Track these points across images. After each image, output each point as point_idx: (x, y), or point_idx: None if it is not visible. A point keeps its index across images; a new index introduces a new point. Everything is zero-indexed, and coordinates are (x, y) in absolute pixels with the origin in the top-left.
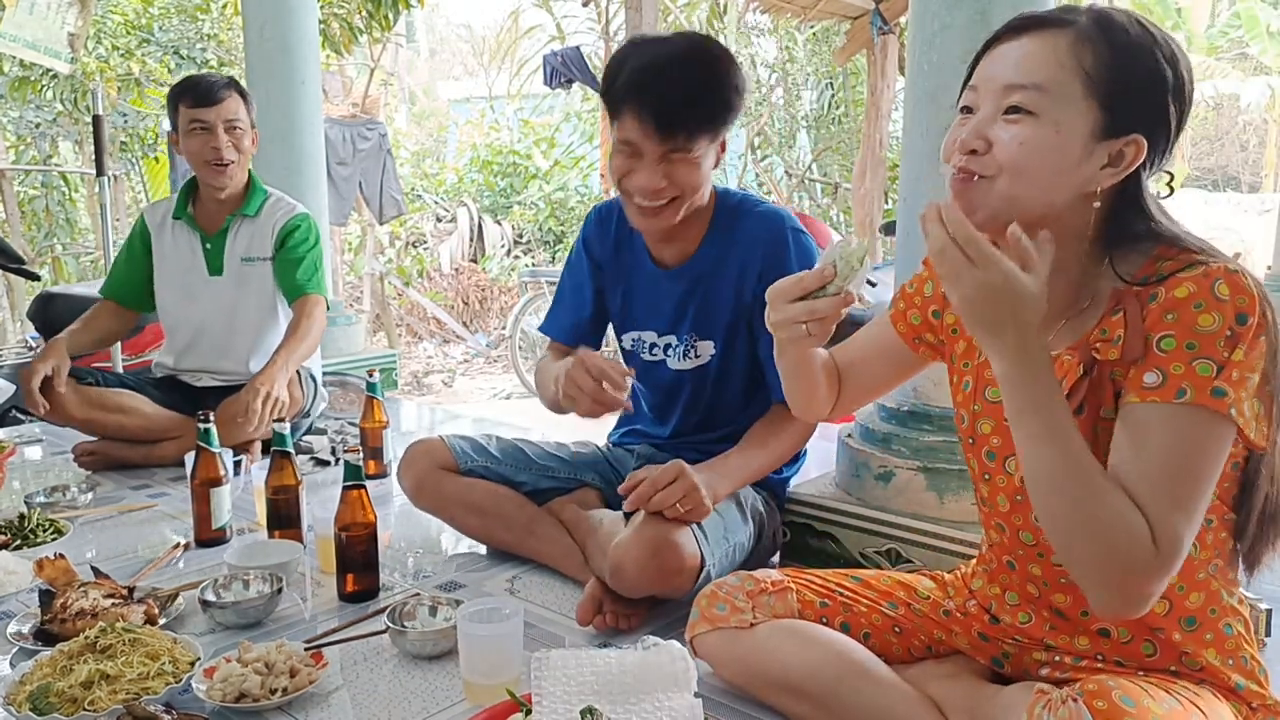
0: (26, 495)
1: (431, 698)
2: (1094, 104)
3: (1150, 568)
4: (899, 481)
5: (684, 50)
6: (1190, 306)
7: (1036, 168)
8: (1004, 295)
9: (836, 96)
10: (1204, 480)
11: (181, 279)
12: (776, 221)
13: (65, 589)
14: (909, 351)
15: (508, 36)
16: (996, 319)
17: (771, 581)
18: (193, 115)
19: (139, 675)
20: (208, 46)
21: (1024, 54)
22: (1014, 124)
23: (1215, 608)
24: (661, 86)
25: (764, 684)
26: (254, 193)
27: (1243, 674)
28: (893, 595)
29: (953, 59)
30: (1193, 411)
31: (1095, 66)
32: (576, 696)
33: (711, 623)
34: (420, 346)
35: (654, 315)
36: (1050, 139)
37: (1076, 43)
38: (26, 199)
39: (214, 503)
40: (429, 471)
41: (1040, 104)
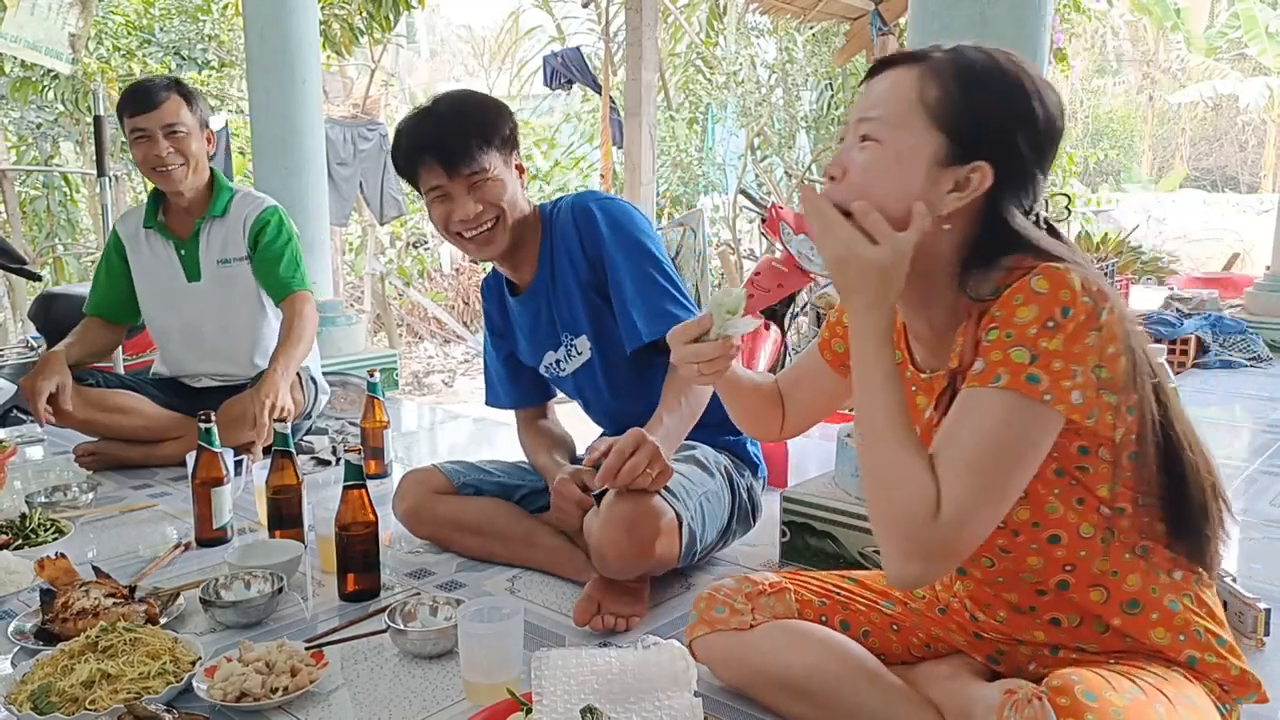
0: (28, 495)
1: (432, 697)
2: (937, 132)
3: (928, 532)
4: None
5: (442, 103)
6: (1011, 301)
7: (880, 190)
8: (850, 261)
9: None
10: (1008, 463)
11: (162, 288)
12: (578, 203)
13: (66, 588)
14: (838, 378)
15: (508, 37)
16: (846, 282)
17: (769, 583)
18: (133, 124)
19: (140, 675)
20: (209, 47)
21: (877, 89)
22: (863, 150)
23: (1155, 586)
24: (433, 132)
25: (764, 685)
26: (219, 192)
27: (1196, 648)
28: (890, 594)
29: None
30: (1006, 395)
31: (938, 98)
32: (577, 696)
33: (710, 625)
34: (421, 346)
35: (539, 339)
36: (891, 163)
37: (923, 76)
38: (28, 199)
39: (215, 503)
40: (423, 498)
41: (883, 132)
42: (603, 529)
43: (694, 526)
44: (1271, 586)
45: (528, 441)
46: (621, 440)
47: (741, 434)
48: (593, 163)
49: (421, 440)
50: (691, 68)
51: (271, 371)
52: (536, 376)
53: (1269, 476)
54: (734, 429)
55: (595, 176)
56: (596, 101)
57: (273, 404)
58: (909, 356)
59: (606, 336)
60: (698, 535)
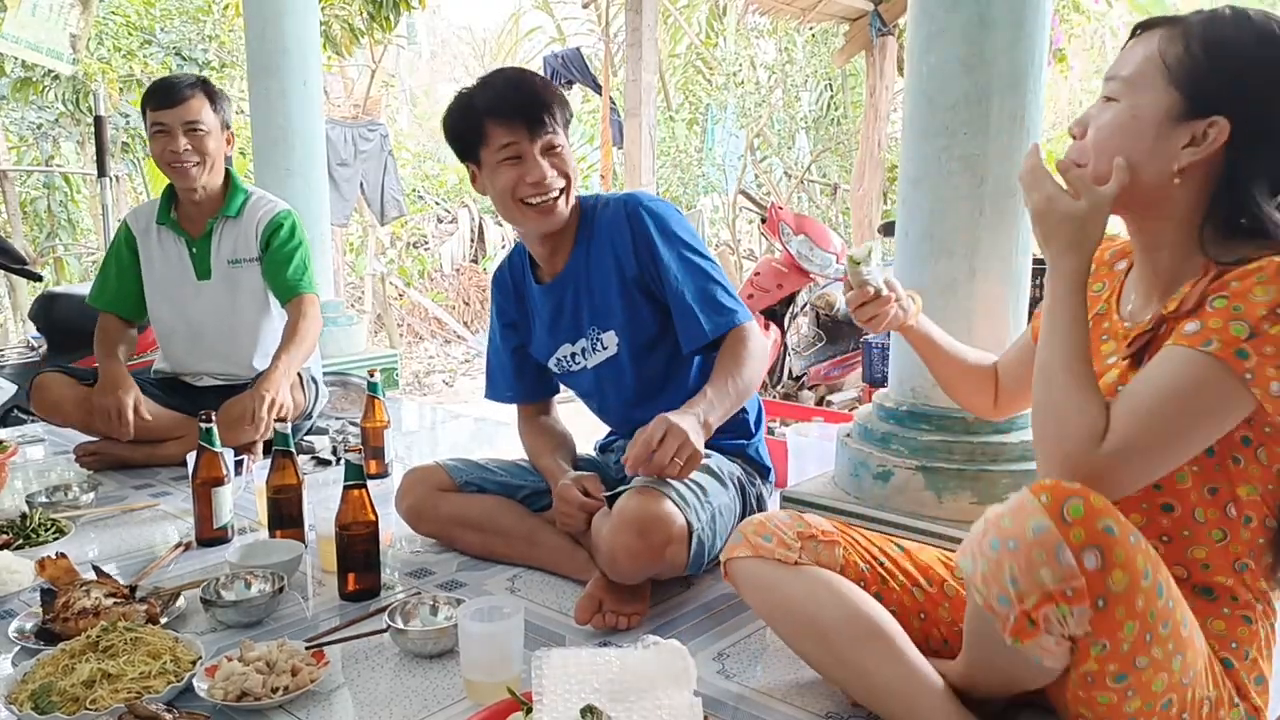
0: (28, 495)
1: (432, 696)
2: (1173, 89)
3: (1088, 458)
4: (898, 481)
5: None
6: (1251, 277)
7: (1113, 148)
8: (1050, 213)
9: (835, 98)
10: (1182, 423)
11: (170, 285)
12: (631, 202)
13: (67, 588)
14: None
15: (508, 38)
16: (1047, 233)
17: (822, 531)
18: (154, 118)
19: (141, 674)
20: (209, 48)
21: (1125, 52)
22: (1103, 109)
23: (1238, 597)
24: (514, 92)
25: (788, 620)
26: (234, 193)
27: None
28: (930, 571)
29: (951, 60)
30: (1210, 361)
31: (1176, 57)
32: (577, 695)
33: (754, 550)
34: (421, 346)
35: (560, 330)
36: (1125, 120)
37: (1169, 37)
38: (28, 200)
39: (215, 502)
40: (426, 495)
41: (1121, 91)
42: (615, 532)
43: (704, 538)
44: None
45: (530, 440)
46: (649, 428)
47: (754, 437)
48: (593, 163)
49: (422, 440)
50: (691, 68)
51: (273, 369)
52: (543, 372)
53: None
54: (747, 433)
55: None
56: (597, 102)
57: (273, 400)
58: (1116, 305)
59: (638, 333)
60: (706, 547)
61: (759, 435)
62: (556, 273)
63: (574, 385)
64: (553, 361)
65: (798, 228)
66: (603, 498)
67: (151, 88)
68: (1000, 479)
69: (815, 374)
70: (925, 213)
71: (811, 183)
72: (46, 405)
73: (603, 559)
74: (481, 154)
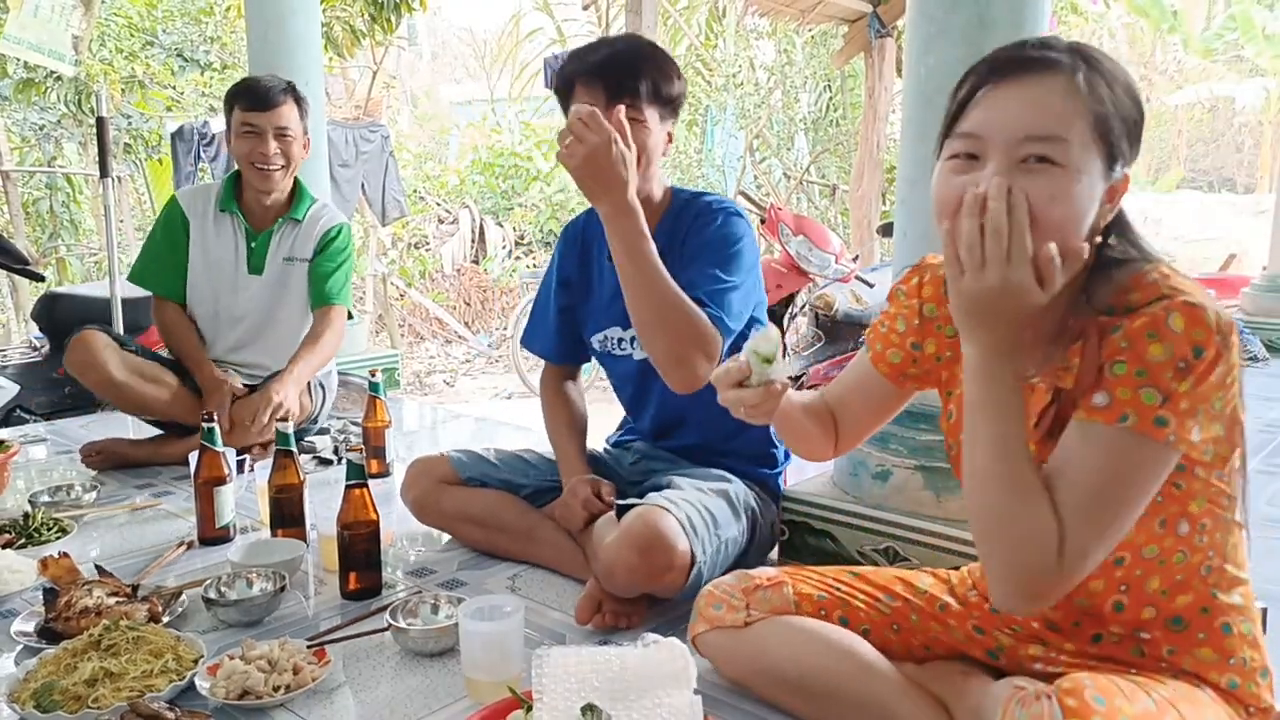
0: (31, 494)
1: (433, 695)
2: (1099, 144)
3: (1050, 575)
4: (897, 480)
5: (623, 37)
6: (1144, 335)
7: (1071, 218)
8: (1015, 296)
9: (834, 99)
10: (1128, 503)
11: (221, 273)
12: (709, 209)
13: (69, 587)
14: (894, 388)
15: (509, 40)
16: (996, 313)
17: (767, 577)
18: (245, 118)
19: (143, 673)
20: (211, 49)
21: (1033, 102)
22: (1039, 175)
23: (1208, 607)
24: (605, 56)
25: (765, 681)
26: (301, 198)
27: (1240, 675)
28: (890, 589)
29: (950, 62)
30: (1132, 437)
31: (1094, 105)
32: (577, 694)
33: (709, 623)
34: (422, 347)
35: (616, 310)
36: (1078, 188)
37: (1080, 88)
38: (31, 200)
39: (217, 502)
40: (430, 488)
41: (1062, 153)
42: (618, 546)
43: (704, 569)
44: (1270, 585)
45: (550, 410)
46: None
47: (775, 469)
48: None
49: (423, 439)
50: (691, 70)
51: (287, 373)
52: (572, 341)
53: (1266, 475)
54: (769, 463)
55: None
56: None
57: (279, 404)
58: None
59: None
60: (704, 578)
61: (785, 465)
62: None
63: (612, 369)
64: (597, 339)
65: (797, 228)
66: (613, 505)
67: (244, 88)
68: None
69: (815, 374)
70: (924, 214)
71: (810, 184)
72: (81, 365)
73: (601, 567)
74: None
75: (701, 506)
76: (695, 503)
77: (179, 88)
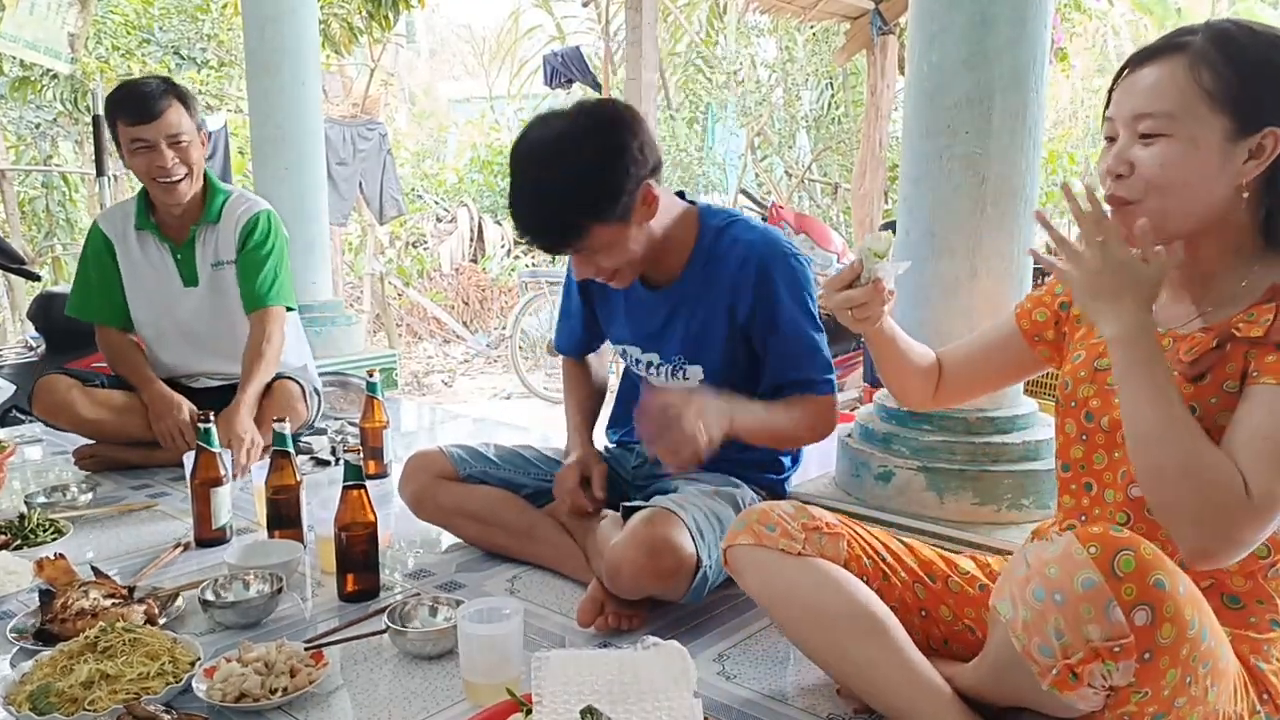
0: (27, 495)
1: (432, 697)
2: (1221, 114)
3: (1243, 510)
4: (899, 481)
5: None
6: None
7: (1180, 181)
8: (1128, 270)
9: (836, 97)
10: None
11: (157, 291)
12: (769, 255)
13: (65, 589)
14: (1026, 349)
15: (508, 37)
16: (1117, 288)
17: (827, 523)
18: (133, 134)
19: (139, 675)
20: (208, 46)
21: (1147, 84)
22: (1150, 146)
23: (1264, 600)
24: (526, 221)
25: (788, 608)
26: (213, 197)
27: (1269, 664)
28: (933, 567)
29: (953, 59)
30: None
31: (1214, 81)
32: (576, 697)
33: (757, 538)
34: (420, 346)
35: (639, 332)
36: (1187, 153)
37: (1193, 64)
38: (27, 199)
39: (214, 503)
40: (428, 483)
41: (1170, 126)
42: (625, 546)
43: (709, 574)
44: None
45: (568, 383)
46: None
47: (782, 474)
48: None
49: (421, 440)
50: (692, 67)
51: (238, 404)
52: (596, 335)
53: None
54: (776, 469)
55: None
56: None
57: (246, 440)
58: None
59: (727, 375)
60: (708, 584)
61: (794, 470)
62: (664, 284)
63: (627, 373)
64: (620, 349)
65: (798, 227)
66: (601, 499)
67: (120, 99)
68: (1002, 479)
69: None
70: (926, 212)
71: (812, 182)
72: (50, 408)
73: (606, 568)
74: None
75: (709, 512)
76: (703, 508)
77: None
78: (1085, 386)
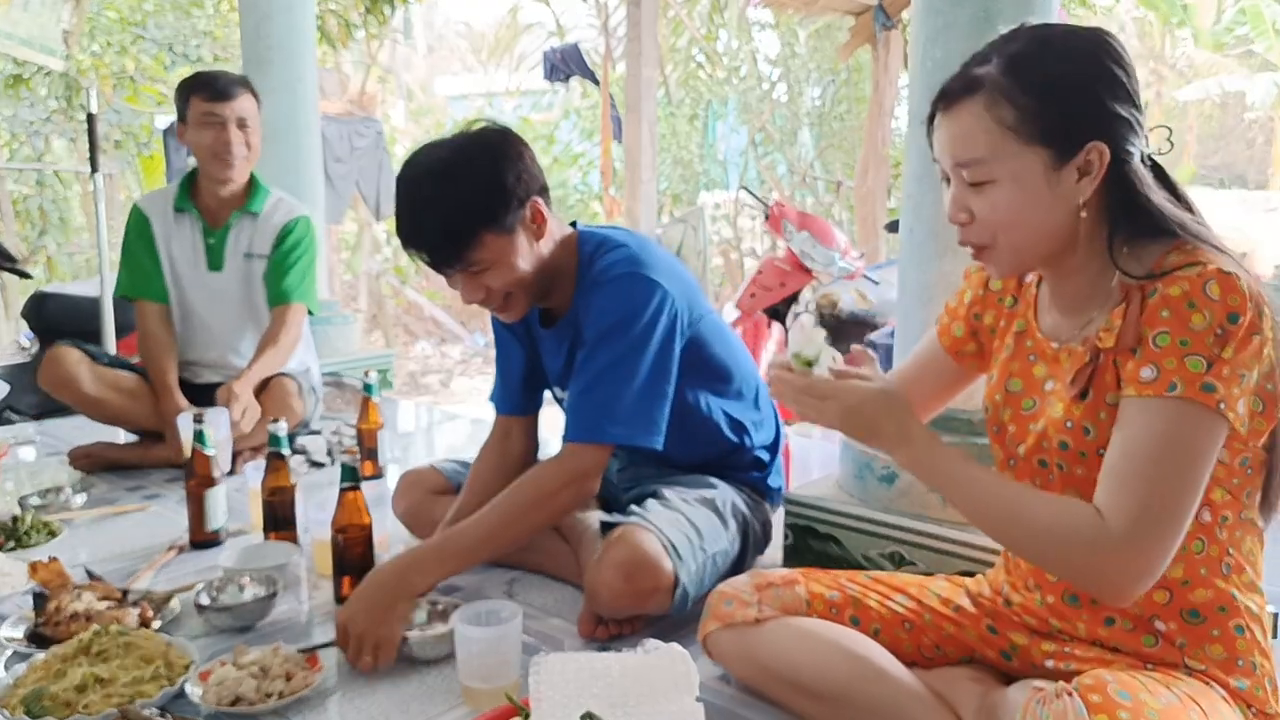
0: (20, 497)
1: (429, 702)
2: (1033, 146)
3: (1110, 545)
4: (902, 483)
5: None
6: (1183, 305)
7: (1018, 221)
8: (849, 409)
9: (839, 93)
10: (1187, 469)
11: (182, 271)
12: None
13: (59, 592)
14: (954, 365)
15: (506, 33)
16: (868, 425)
17: (780, 576)
18: (206, 108)
19: (133, 679)
20: (203, 43)
21: (954, 133)
22: (980, 193)
23: (1225, 606)
24: (412, 236)
25: (775, 683)
26: (257, 191)
27: (1249, 678)
28: (904, 590)
29: (956, 55)
30: (1182, 404)
31: (1015, 116)
32: (575, 701)
33: (720, 620)
34: (417, 346)
35: (553, 370)
36: (1015, 193)
37: (990, 105)
38: (20, 197)
39: (209, 505)
40: (421, 499)
41: (989, 171)
42: (602, 569)
43: (689, 588)
44: (1273, 587)
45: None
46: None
47: (765, 471)
48: (592, 159)
49: (418, 441)
50: (692, 63)
51: (245, 373)
52: (531, 386)
53: None
54: (759, 467)
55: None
56: (596, 97)
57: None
58: (1034, 322)
59: None
60: (691, 596)
61: (775, 462)
62: (559, 317)
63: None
64: (551, 393)
65: (801, 224)
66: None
67: (202, 79)
68: None
69: None
70: (930, 210)
71: (815, 179)
72: (55, 380)
73: (586, 589)
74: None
75: (687, 523)
76: (680, 519)
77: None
78: (1003, 411)
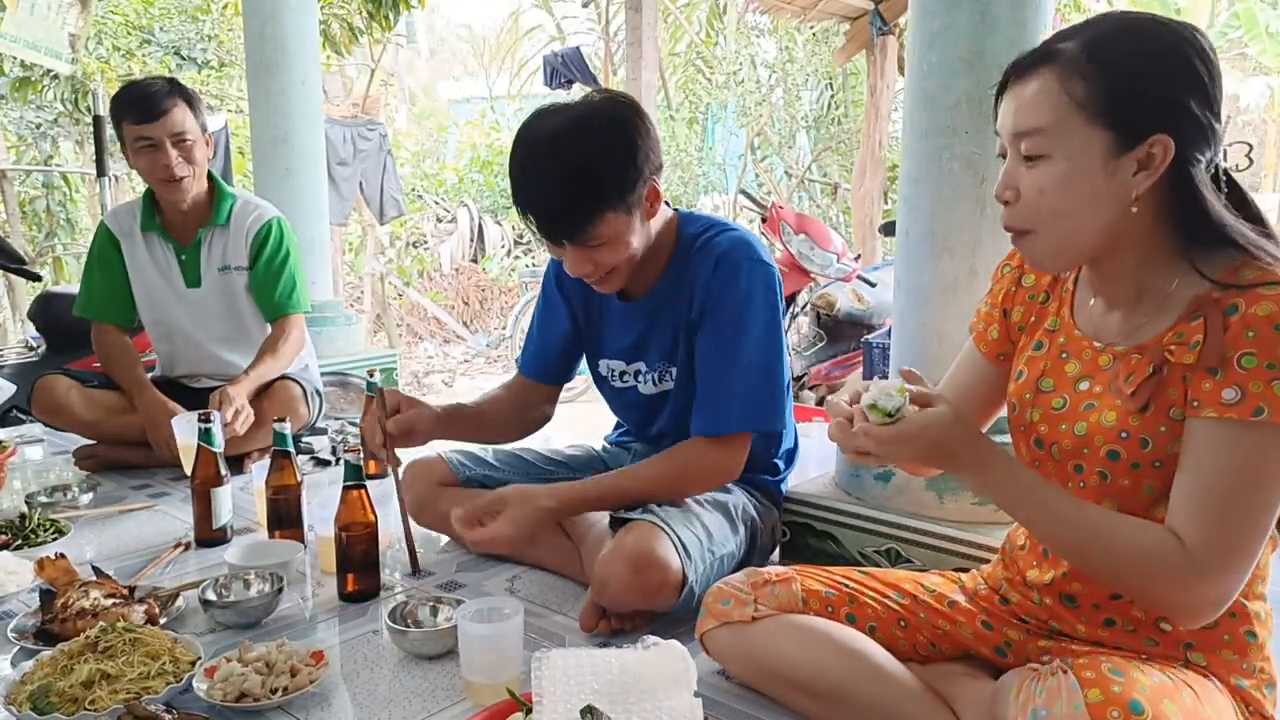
0: (27, 495)
1: (432, 697)
2: (1099, 127)
3: (1188, 571)
4: (899, 481)
5: (548, 151)
6: (1271, 327)
7: (1066, 207)
8: (930, 443)
9: (836, 97)
10: (1272, 497)
11: (159, 292)
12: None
13: (66, 589)
14: (996, 370)
15: (508, 37)
16: (941, 457)
17: (775, 573)
18: (138, 132)
19: (139, 675)
20: (208, 47)
21: (1020, 101)
22: (1032, 169)
23: (1236, 612)
24: (532, 203)
25: (772, 681)
26: (221, 200)
27: (1249, 679)
28: (899, 586)
29: (953, 59)
30: (1268, 429)
31: (1086, 93)
32: (577, 696)
33: (717, 618)
34: (421, 346)
35: (620, 345)
36: (1069, 175)
37: (1063, 77)
38: (27, 199)
39: (214, 502)
40: (428, 490)
41: (1047, 145)
42: (611, 561)
43: (696, 588)
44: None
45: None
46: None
47: (777, 475)
48: None
49: None
50: (691, 67)
51: (242, 377)
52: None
53: None
54: (771, 471)
55: None
56: None
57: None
58: (1070, 319)
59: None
60: (697, 595)
61: (789, 470)
62: (639, 294)
63: (616, 398)
64: (602, 365)
65: (798, 227)
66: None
67: (126, 99)
68: None
69: (816, 374)
70: (926, 212)
71: (812, 182)
72: (48, 408)
73: (594, 581)
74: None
75: (698, 523)
76: (691, 519)
77: None
78: (1032, 410)
